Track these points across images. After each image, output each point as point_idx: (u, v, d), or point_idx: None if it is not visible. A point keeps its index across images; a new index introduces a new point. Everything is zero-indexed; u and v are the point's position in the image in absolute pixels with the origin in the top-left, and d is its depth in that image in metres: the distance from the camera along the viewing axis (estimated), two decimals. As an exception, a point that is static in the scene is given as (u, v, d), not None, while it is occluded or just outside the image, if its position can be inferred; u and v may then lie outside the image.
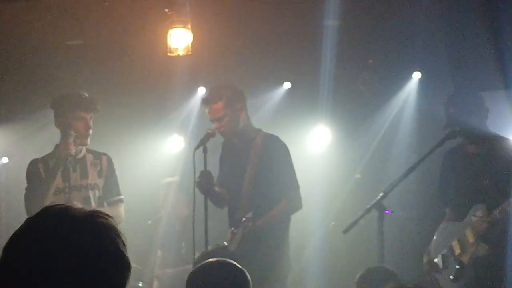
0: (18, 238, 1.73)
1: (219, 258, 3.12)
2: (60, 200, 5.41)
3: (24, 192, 5.63)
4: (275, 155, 5.50)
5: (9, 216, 7.68)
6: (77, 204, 4.80)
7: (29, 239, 1.71)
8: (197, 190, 5.40)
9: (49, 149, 5.82)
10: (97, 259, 1.71)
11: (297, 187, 5.52)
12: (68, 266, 1.68)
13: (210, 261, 3.06)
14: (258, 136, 5.60)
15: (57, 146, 5.69)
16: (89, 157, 5.70)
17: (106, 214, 1.80)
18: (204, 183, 5.39)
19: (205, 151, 5.40)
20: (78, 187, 5.58)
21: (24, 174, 5.70)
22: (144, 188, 7.32)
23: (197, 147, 5.43)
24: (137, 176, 7.17)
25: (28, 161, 5.75)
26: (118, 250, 1.74)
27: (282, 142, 5.59)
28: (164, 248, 7.37)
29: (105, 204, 5.63)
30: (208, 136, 5.46)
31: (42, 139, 6.93)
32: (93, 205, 5.52)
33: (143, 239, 7.25)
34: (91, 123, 5.64)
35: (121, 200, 5.75)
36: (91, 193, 5.59)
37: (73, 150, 5.59)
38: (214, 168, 5.69)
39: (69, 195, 5.50)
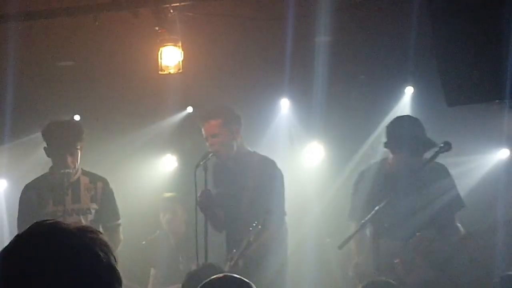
0: (8, 253, 1.72)
1: (226, 274, 3.11)
2: None
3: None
4: (272, 180, 5.47)
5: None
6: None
7: (19, 254, 1.70)
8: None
9: (43, 170, 5.76)
10: (88, 272, 1.69)
11: (284, 214, 5.54)
12: (58, 280, 1.66)
13: (218, 276, 3.04)
14: (254, 158, 5.57)
15: (51, 170, 5.59)
16: (84, 180, 5.62)
17: (97, 230, 1.78)
18: (205, 202, 5.35)
19: (205, 169, 5.34)
20: (70, 211, 5.51)
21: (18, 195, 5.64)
22: (139, 208, 7.26)
23: (198, 165, 5.37)
24: (131, 196, 7.10)
25: (24, 181, 5.69)
26: (109, 264, 1.72)
27: (279, 168, 5.56)
28: (157, 266, 7.26)
29: (101, 228, 5.51)
30: (208, 154, 5.40)
31: (36, 160, 6.87)
32: None
33: (138, 261, 7.16)
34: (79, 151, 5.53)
35: (118, 225, 5.67)
36: (82, 218, 5.51)
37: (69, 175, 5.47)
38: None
39: (62, 220, 5.41)
